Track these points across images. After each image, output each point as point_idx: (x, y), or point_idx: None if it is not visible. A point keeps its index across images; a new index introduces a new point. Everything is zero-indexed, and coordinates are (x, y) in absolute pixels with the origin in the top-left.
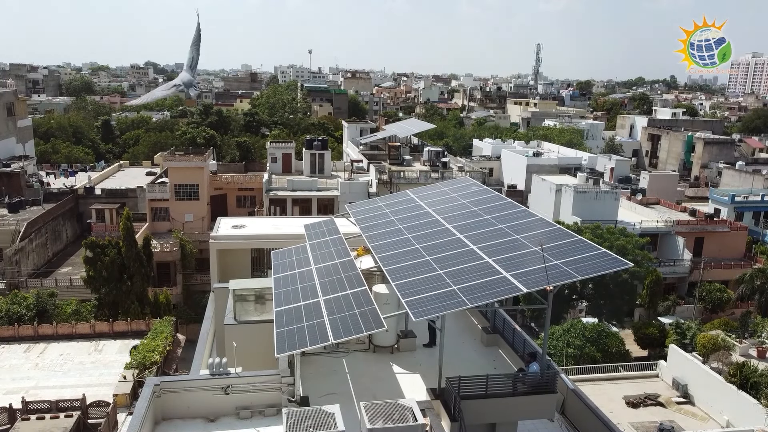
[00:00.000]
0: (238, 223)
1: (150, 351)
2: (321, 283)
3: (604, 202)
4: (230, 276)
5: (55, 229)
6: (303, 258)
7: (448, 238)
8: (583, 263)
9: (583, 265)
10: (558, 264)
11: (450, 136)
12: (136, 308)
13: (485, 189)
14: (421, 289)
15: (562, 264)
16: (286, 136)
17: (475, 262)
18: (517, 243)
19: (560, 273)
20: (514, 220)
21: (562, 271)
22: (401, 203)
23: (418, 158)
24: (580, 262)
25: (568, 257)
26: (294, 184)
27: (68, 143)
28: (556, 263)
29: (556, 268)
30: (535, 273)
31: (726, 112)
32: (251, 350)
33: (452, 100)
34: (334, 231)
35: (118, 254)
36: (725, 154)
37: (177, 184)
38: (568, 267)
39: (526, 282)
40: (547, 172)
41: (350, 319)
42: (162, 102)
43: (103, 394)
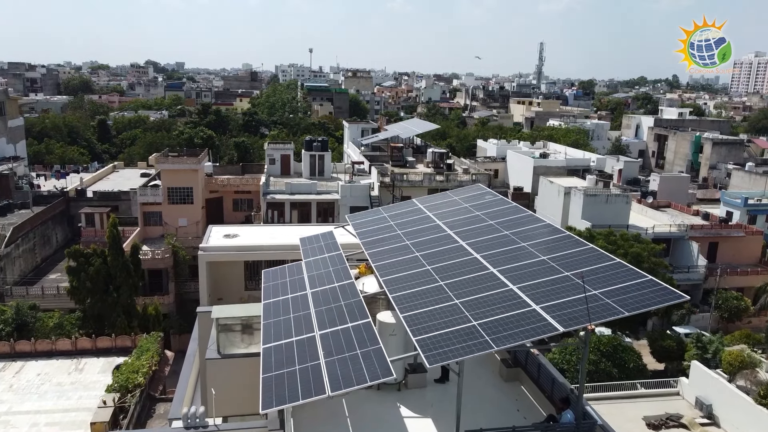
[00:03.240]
0: (231, 232)
1: (134, 372)
2: (317, 312)
3: (615, 206)
4: (222, 291)
5: (44, 233)
6: (297, 280)
7: (463, 258)
8: (628, 294)
9: (628, 297)
10: (597, 295)
11: (453, 137)
12: (122, 321)
13: (501, 199)
14: (434, 324)
15: (603, 295)
16: (285, 137)
17: (497, 290)
18: (546, 267)
19: (602, 307)
20: (539, 237)
21: (603, 305)
22: (408, 214)
23: (422, 160)
24: (623, 293)
25: (609, 286)
26: (292, 187)
27: (62, 143)
28: (594, 293)
29: (596, 300)
30: (570, 306)
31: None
32: (238, 389)
33: (454, 100)
34: (333, 247)
35: (103, 264)
36: (734, 155)
37: (170, 187)
38: (610, 299)
39: (561, 318)
40: (554, 174)
41: (351, 363)
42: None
43: (80, 420)
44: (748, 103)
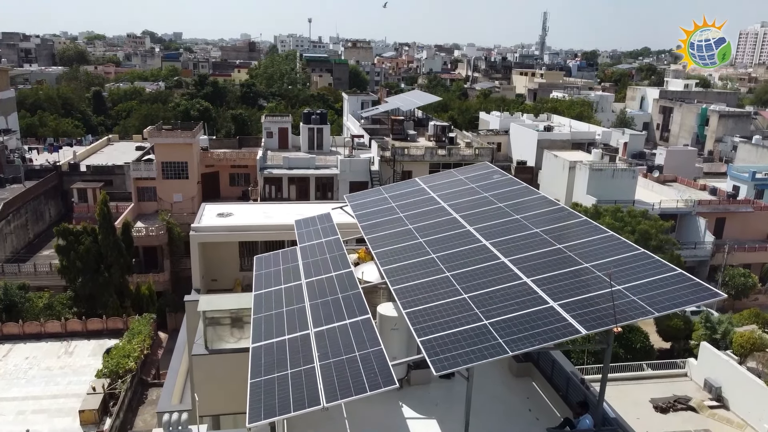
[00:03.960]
0: (225, 211)
1: (125, 356)
2: (312, 306)
3: (621, 181)
4: (216, 272)
5: (37, 208)
6: (292, 268)
7: (471, 245)
8: (657, 290)
9: (657, 294)
10: (623, 291)
11: (455, 109)
12: (114, 302)
13: (510, 179)
14: (441, 323)
15: (628, 291)
16: (283, 109)
17: (509, 283)
18: (563, 257)
19: (628, 305)
20: (553, 222)
21: (629, 303)
22: (410, 195)
23: (423, 133)
24: (651, 289)
25: (635, 280)
26: (290, 162)
27: (56, 116)
28: (619, 289)
29: (621, 296)
30: (592, 303)
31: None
32: (227, 386)
33: (455, 71)
34: (331, 230)
35: (94, 242)
36: (740, 128)
37: (164, 162)
38: (637, 296)
39: (583, 319)
40: (559, 147)
41: (349, 367)
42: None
43: (69, 407)
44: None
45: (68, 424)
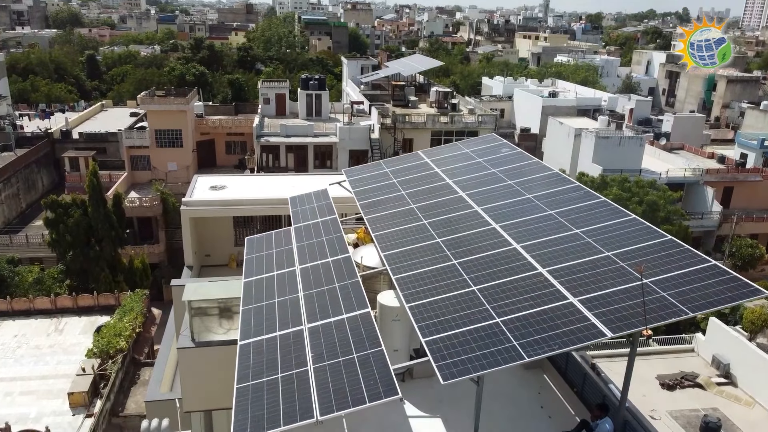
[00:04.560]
0: (218, 184)
1: (116, 335)
2: (307, 297)
3: (628, 149)
4: (210, 247)
5: (29, 177)
6: (285, 252)
7: (480, 228)
8: (690, 285)
9: (690, 289)
10: (650, 286)
11: (457, 74)
12: (106, 276)
13: (520, 153)
14: (448, 321)
15: (657, 286)
16: (281, 73)
17: (523, 274)
18: (581, 244)
19: (659, 303)
20: (568, 203)
21: (659, 300)
22: (413, 170)
23: (425, 99)
24: (682, 284)
25: (663, 272)
26: (288, 130)
27: (48, 81)
28: (646, 283)
29: (650, 292)
30: (616, 300)
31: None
32: (216, 380)
33: (457, 34)
34: (328, 209)
35: (84, 215)
36: (748, 93)
37: (157, 130)
38: (667, 293)
39: (608, 319)
40: (564, 114)
41: (346, 372)
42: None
43: (58, 389)
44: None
45: (57, 407)
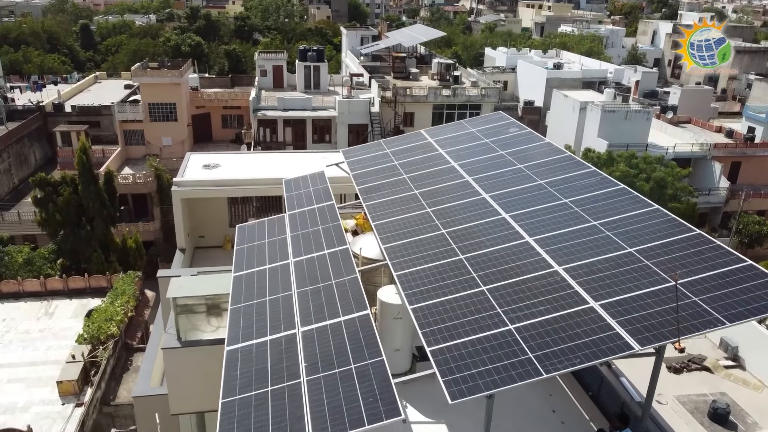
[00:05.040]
0: (211, 162)
1: (107, 320)
2: (301, 295)
3: (635, 123)
4: (203, 228)
5: (21, 152)
6: (279, 242)
7: (489, 217)
8: (726, 290)
9: (726, 294)
10: (682, 290)
11: (459, 44)
12: (98, 256)
13: (529, 133)
14: (455, 327)
15: (689, 290)
16: (279, 44)
17: (537, 272)
18: (600, 237)
19: (691, 309)
20: (584, 190)
21: (691, 305)
22: (415, 151)
23: (426, 71)
24: (717, 287)
25: (695, 273)
26: (285, 103)
27: (41, 51)
28: (673, 285)
29: (681, 296)
30: (642, 305)
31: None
32: (204, 383)
33: (459, 3)
34: (324, 194)
35: (74, 193)
36: (756, 65)
37: (151, 104)
38: (700, 298)
39: (634, 327)
40: (569, 86)
41: (343, 387)
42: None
43: (48, 376)
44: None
45: (46, 395)
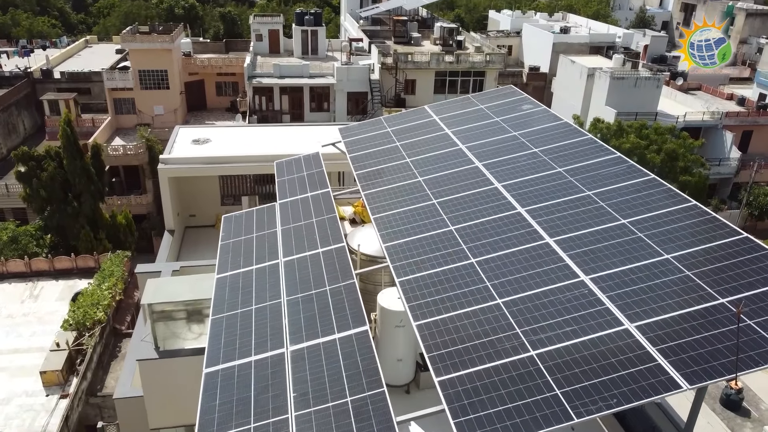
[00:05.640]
0: (201, 137)
1: (93, 304)
2: (291, 304)
3: (644, 91)
4: (194, 207)
5: (9, 120)
6: (268, 237)
7: (502, 212)
8: None
9: None
10: (744, 319)
11: (462, 7)
12: (86, 234)
13: (544, 111)
14: (468, 351)
15: (744, 311)
16: (276, 6)
17: (562, 283)
18: (632, 240)
19: (745, 335)
20: (609, 180)
21: (744, 329)
22: (419, 130)
23: (428, 36)
24: None
25: (748, 288)
26: (282, 70)
27: (30, 14)
28: (723, 303)
29: (731, 320)
30: (687, 330)
31: None
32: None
33: None
34: (320, 180)
35: (59, 168)
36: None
37: (141, 70)
38: (757, 321)
39: (681, 359)
40: (576, 51)
41: (337, 425)
42: None
43: (32, 365)
44: None
45: (30, 385)
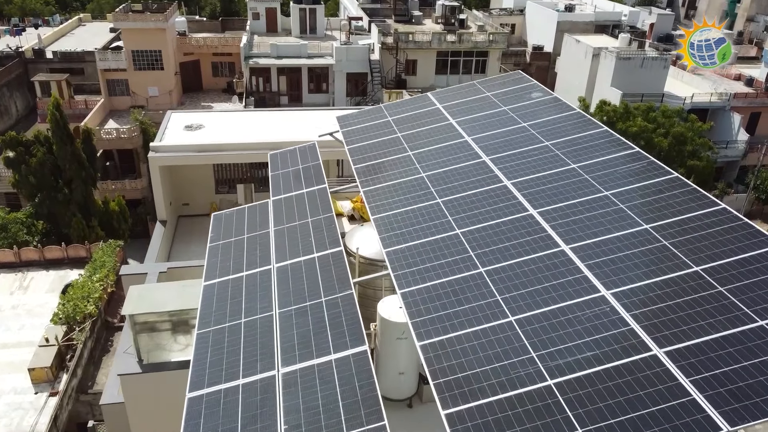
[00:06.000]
0: (194, 123)
1: (84, 297)
2: (283, 317)
3: (651, 71)
4: (187, 195)
5: (0, 102)
6: (260, 239)
7: (512, 214)
8: None
9: None
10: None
11: None
12: (78, 221)
13: (555, 100)
14: (478, 378)
15: None
16: None
17: (581, 298)
18: (657, 249)
19: None
20: (631, 179)
21: None
22: (422, 120)
23: (429, 14)
24: None
25: None
26: (279, 50)
27: None
28: (763, 325)
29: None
30: (724, 358)
31: None
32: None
33: None
34: (316, 174)
35: (49, 153)
36: None
37: (134, 51)
38: None
39: (715, 390)
40: (581, 30)
41: None
42: None
43: (21, 360)
44: None
45: (19, 383)
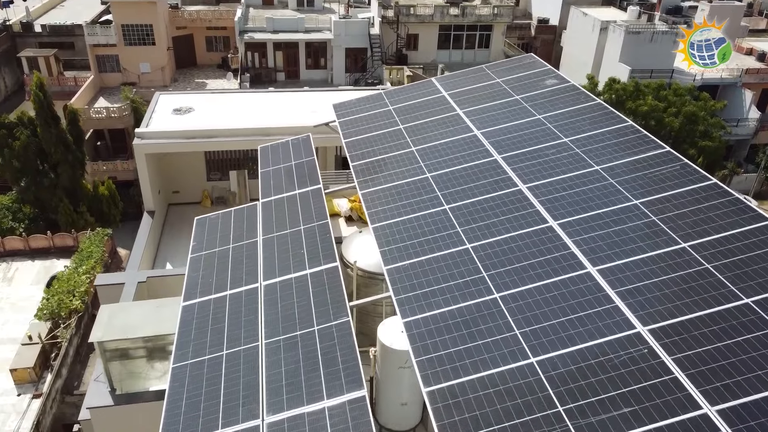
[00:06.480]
0: (183, 106)
1: (69, 291)
2: (270, 350)
3: (660, 46)
4: (177, 183)
5: None
6: (247, 249)
7: (530, 227)
8: None
9: None
10: None
11: None
12: (65, 207)
13: (572, 87)
14: (489, 418)
15: None
16: None
17: (615, 335)
18: (696, 275)
19: None
20: (663, 184)
21: None
22: (426, 109)
23: None
24: None
25: None
26: (275, 24)
27: None
28: None
29: None
30: (753, 384)
31: None
32: None
33: None
34: (310, 172)
35: (33, 136)
36: None
37: (124, 25)
38: None
39: (745, 423)
40: (588, 3)
41: None
42: None
43: (4, 358)
44: None
45: (1, 384)
